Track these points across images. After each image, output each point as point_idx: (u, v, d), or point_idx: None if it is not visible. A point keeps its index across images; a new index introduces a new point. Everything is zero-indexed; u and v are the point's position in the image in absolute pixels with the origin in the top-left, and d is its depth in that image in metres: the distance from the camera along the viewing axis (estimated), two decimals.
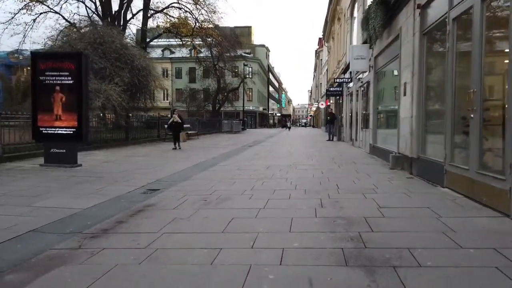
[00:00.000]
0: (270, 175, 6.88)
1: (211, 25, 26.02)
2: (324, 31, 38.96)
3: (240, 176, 6.85)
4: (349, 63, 17.44)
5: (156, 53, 56.04)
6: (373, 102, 10.76)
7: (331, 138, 19.61)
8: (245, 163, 8.89)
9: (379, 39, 9.47)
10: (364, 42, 11.24)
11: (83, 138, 7.97)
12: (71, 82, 7.78)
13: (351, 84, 15.77)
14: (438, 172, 5.38)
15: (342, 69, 18.88)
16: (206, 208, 4.30)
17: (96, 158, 10.05)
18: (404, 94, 7.27)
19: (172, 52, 54.34)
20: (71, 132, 7.85)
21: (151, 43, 54.29)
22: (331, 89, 19.79)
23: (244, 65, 37.35)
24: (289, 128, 41.67)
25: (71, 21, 20.83)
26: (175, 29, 24.68)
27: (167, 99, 54.00)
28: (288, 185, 5.79)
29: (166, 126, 11.23)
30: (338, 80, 16.19)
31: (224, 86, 35.18)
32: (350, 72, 16.12)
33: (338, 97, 23.02)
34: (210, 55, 31.78)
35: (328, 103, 33.50)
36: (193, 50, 30.65)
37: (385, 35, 8.97)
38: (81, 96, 7.77)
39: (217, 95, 34.76)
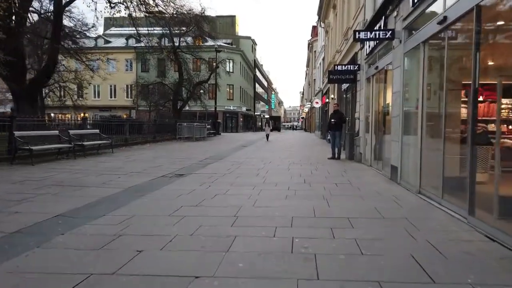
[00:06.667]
0: None
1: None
2: (319, 10, 30.81)
3: None
4: (370, 20, 9.29)
5: (119, 42, 47.82)
6: None
7: (336, 155, 11.35)
8: None
9: None
10: None
11: None
12: None
13: (395, 51, 7.38)
14: None
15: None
16: None
17: None
18: None
19: (138, 41, 45.39)
20: None
21: (115, 31, 45.48)
22: (339, 68, 11.36)
23: (217, 50, 28.22)
24: (268, 135, 23.93)
25: None
26: None
27: (130, 97, 45.02)
28: None
29: None
30: (362, 36, 7.37)
31: (188, 78, 26.46)
32: (384, 22, 7.80)
33: (346, 88, 14.74)
34: (168, 35, 23.21)
35: (326, 100, 25.20)
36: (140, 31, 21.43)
37: None
38: None
39: (178, 89, 25.92)
